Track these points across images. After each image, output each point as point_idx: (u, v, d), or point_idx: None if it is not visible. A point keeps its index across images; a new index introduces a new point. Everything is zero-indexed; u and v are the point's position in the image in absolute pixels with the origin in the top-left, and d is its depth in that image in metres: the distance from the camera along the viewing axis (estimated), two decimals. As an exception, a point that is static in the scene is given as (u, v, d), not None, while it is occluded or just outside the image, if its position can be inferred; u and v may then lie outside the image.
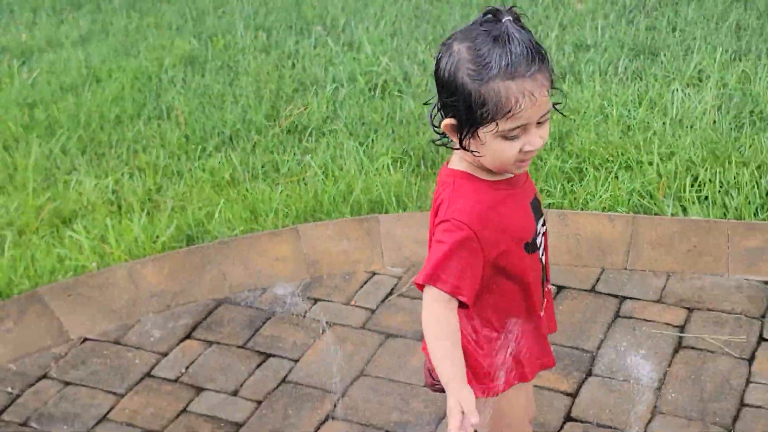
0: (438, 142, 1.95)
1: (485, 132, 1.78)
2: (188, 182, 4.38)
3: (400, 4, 6.56)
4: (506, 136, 1.77)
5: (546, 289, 2.14)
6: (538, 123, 1.80)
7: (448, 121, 1.83)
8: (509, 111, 1.73)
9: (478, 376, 1.96)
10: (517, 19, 1.75)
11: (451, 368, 1.79)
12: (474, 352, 1.97)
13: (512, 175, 1.95)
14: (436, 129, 1.89)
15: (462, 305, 1.87)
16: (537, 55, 1.72)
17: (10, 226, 4.13)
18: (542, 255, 2.06)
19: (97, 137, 4.93)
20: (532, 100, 1.72)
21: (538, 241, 2.01)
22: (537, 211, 2.01)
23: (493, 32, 1.72)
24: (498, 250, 1.88)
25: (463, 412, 1.69)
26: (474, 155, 1.84)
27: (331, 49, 5.80)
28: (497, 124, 1.75)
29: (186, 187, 4.34)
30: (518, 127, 1.76)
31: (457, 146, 1.86)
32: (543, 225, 2.06)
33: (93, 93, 5.49)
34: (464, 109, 1.78)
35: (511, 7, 1.77)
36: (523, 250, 1.94)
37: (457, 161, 1.94)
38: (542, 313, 2.08)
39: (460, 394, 1.73)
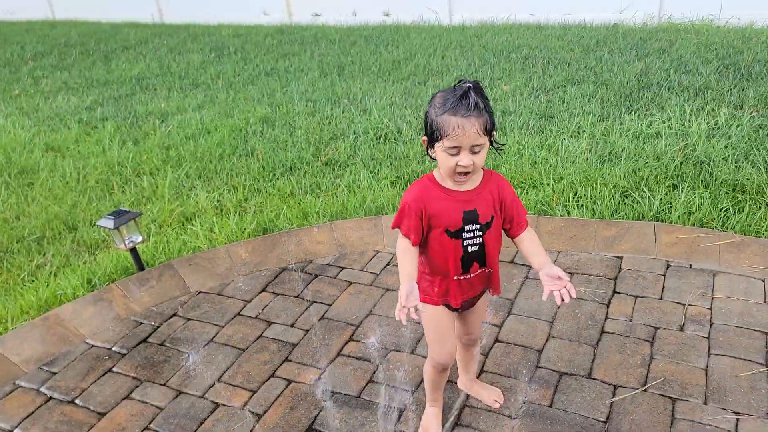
0: (427, 155, 1.99)
1: (438, 146, 1.87)
2: (264, 195, 4.40)
3: (395, 87, 6.58)
4: (447, 152, 1.85)
5: (482, 270, 2.08)
6: (473, 152, 1.84)
7: (424, 137, 1.92)
8: (448, 134, 1.81)
9: (421, 291, 2.07)
10: (477, 88, 1.84)
11: (403, 272, 1.95)
12: (420, 278, 2.10)
13: (460, 191, 1.97)
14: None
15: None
16: (475, 107, 1.80)
17: (153, 222, 4.16)
18: (470, 246, 2.02)
19: (208, 167, 4.95)
20: (463, 131, 1.79)
21: (464, 235, 2.00)
22: (468, 219, 1.98)
23: (458, 90, 1.83)
24: (426, 222, 1.98)
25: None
26: (435, 162, 1.94)
27: (352, 113, 5.82)
28: (443, 142, 1.83)
29: (262, 198, 4.36)
30: (454, 147, 1.83)
31: (427, 155, 1.96)
32: (479, 230, 2.00)
33: (205, 140, 5.51)
34: (429, 130, 1.88)
35: (476, 81, 1.86)
36: (445, 233, 1.99)
37: (435, 170, 2.01)
38: (456, 278, 2.07)
39: (403, 287, 1.87)
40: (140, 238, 3.47)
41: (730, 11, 8.05)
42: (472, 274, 2.09)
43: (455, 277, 2.08)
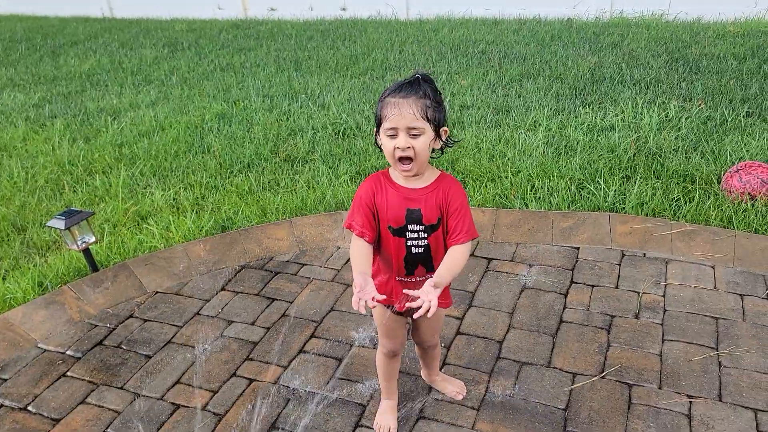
0: (376, 145, 1.96)
1: (381, 131, 1.84)
2: (221, 193, 4.35)
3: (353, 82, 6.56)
4: (386, 134, 1.82)
5: (428, 276, 1.96)
6: (411, 135, 1.81)
7: (375, 128, 1.90)
8: (386, 115, 1.79)
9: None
10: (426, 78, 1.83)
11: (356, 270, 1.86)
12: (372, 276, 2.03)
13: (408, 188, 1.94)
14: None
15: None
16: (415, 90, 1.79)
17: (107, 222, 4.07)
18: (414, 247, 1.97)
19: (163, 165, 4.86)
20: (399, 110, 1.77)
21: (407, 235, 1.95)
22: (411, 218, 1.93)
23: (407, 79, 1.83)
24: (376, 216, 1.95)
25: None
26: (382, 151, 1.89)
27: (311, 109, 5.78)
28: (383, 125, 1.82)
29: (220, 196, 4.30)
30: (392, 128, 1.80)
31: (377, 146, 1.93)
32: (424, 232, 1.95)
33: (160, 137, 5.40)
34: (375, 117, 1.86)
35: (425, 72, 1.85)
36: (388, 230, 1.96)
37: (391, 167, 1.98)
38: (399, 280, 2.03)
39: (357, 279, 1.79)
40: (93, 239, 3.38)
41: (679, 6, 8.29)
42: (418, 278, 2.02)
43: (398, 278, 2.04)
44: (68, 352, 2.99)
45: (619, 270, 3.28)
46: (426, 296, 1.74)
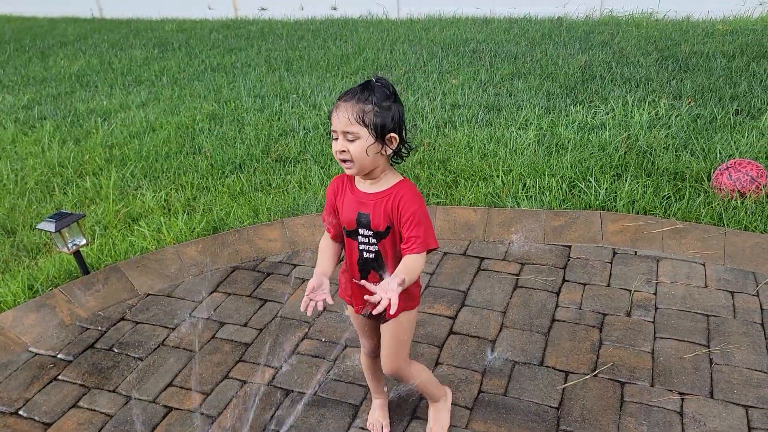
0: None
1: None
2: (213, 194, 4.33)
3: (344, 82, 6.55)
4: (331, 137, 1.83)
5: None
6: (348, 140, 1.77)
7: None
8: (331, 118, 1.80)
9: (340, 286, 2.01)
10: (381, 82, 1.81)
11: (317, 268, 1.97)
12: (341, 275, 2.11)
13: (362, 191, 1.92)
14: None
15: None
16: (357, 95, 1.76)
17: (98, 224, 4.04)
18: (365, 252, 1.95)
19: (154, 166, 4.83)
20: (337, 114, 1.77)
21: (359, 238, 1.93)
22: (361, 222, 1.90)
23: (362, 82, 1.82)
24: (337, 215, 1.99)
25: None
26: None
27: (302, 109, 5.77)
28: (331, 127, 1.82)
29: (212, 197, 4.28)
30: (333, 131, 1.80)
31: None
32: (373, 237, 1.91)
33: (150, 138, 5.37)
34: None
35: (381, 77, 1.83)
36: (343, 231, 1.99)
37: None
38: (355, 282, 1.98)
39: (311, 280, 1.87)
40: (84, 241, 3.35)
41: (668, 5, 8.32)
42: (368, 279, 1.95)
43: (354, 281, 2.01)
44: (59, 356, 2.97)
45: (610, 268, 3.28)
46: (385, 292, 1.65)
